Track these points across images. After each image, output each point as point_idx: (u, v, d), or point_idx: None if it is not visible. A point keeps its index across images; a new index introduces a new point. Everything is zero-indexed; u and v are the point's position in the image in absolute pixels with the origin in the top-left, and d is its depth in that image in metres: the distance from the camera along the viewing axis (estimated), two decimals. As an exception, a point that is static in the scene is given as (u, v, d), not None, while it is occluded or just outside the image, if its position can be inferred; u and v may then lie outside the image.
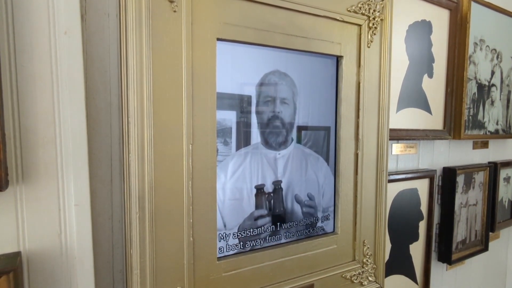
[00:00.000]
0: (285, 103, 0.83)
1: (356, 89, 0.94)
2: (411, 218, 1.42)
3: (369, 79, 0.95)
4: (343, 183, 0.93)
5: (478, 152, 1.89)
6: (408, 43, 1.33)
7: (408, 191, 1.39)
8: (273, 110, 0.81)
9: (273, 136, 0.82)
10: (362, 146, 0.95)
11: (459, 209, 1.66)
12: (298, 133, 0.87)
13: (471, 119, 1.68)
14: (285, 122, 0.83)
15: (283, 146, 0.84)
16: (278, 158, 0.83)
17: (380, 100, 0.97)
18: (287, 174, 0.85)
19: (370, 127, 0.97)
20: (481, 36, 1.69)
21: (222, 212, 0.76)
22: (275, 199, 0.83)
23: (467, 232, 1.75)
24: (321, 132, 0.91)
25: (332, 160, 0.94)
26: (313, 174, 0.90)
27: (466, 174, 1.67)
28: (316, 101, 0.89)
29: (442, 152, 1.64)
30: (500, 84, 1.87)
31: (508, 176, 2.07)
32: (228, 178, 0.76)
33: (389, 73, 0.98)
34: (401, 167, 1.42)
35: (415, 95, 1.37)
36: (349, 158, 0.94)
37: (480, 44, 1.69)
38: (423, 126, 1.41)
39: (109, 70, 0.66)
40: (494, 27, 1.78)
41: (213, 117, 0.70)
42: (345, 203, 0.94)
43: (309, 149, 0.89)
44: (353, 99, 0.93)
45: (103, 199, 0.67)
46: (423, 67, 1.39)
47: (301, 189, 0.88)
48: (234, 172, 0.77)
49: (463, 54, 1.56)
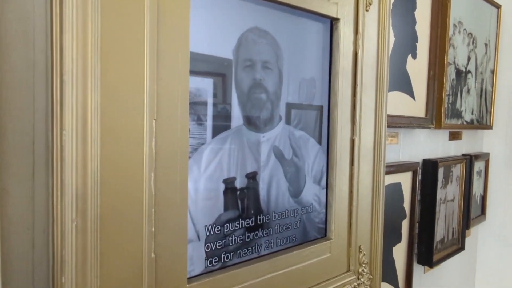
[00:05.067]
0: (268, 68, 0.70)
1: (353, 61, 0.84)
2: (395, 217, 1.38)
3: (367, 49, 0.86)
4: (338, 176, 0.83)
5: (453, 143, 1.93)
6: (394, 17, 1.27)
7: (392, 186, 1.34)
8: (253, 76, 0.68)
9: (256, 110, 0.69)
10: (359, 131, 0.86)
11: (439, 205, 1.66)
12: (287, 112, 0.75)
13: (450, 107, 1.69)
14: (269, 91, 0.71)
15: (269, 125, 0.72)
16: (262, 142, 0.71)
17: (378, 75, 0.89)
18: (270, 162, 0.72)
19: (368, 108, 0.88)
20: (459, 18, 1.71)
21: (194, 217, 0.61)
22: (249, 197, 0.70)
23: (445, 231, 1.77)
24: (313, 112, 0.80)
25: (325, 146, 0.83)
26: (302, 160, 0.78)
27: (445, 167, 1.69)
28: (306, 73, 0.78)
29: (422, 142, 1.63)
30: (475, 71, 1.93)
31: (480, 169, 2.15)
32: (202, 170, 0.61)
33: (387, 44, 0.90)
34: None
35: (400, 77, 1.33)
36: (345, 145, 0.84)
37: (458, 26, 1.71)
38: (407, 113, 1.37)
39: (33, 15, 0.48)
40: (471, 10, 1.82)
41: (185, 82, 0.55)
42: (339, 200, 0.84)
43: (299, 130, 0.77)
44: (349, 73, 0.83)
45: (19, 200, 0.49)
46: (407, 47, 1.36)
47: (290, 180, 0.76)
48: (209, 162, 0.62)
49: (444, 36, 1.56)
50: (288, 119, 0.75)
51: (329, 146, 0.83)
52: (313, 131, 0.80)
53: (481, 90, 2.02)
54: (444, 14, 1.55)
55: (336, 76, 0.81)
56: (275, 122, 0.73)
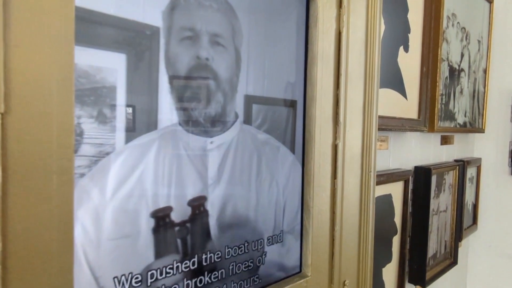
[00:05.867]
0: (219, 44, 0.50)
1: (335, 43, 0.64)
2: (385, 234, 1.19)
3: (353, 28, 0.66)
4: (316, 193, 0.63)
5: (445, 148, 1.76)
6: (384, 3, 1.08)
7: (382, 199, 1.15)
8: (197, 53, 0.47)
9: (198, 104, 0.48)
10: (344, 134, 0.66)
11: (431, 217, 1.48)
12: (246, 108, 0.54)
13: (443, 109, 1.52)
14: (221, 77, 0.50)
15: (220, 126, 0.51)
16: (209, 151, 0.50)
17: (368, 63, 0.69)
18: (224, 180, 0.51)
19: (354, 105, 0.68)
20: (453, 9, 1.54)
21: (95, 267, 0.40)
22: (194, 234, 0.49)
23: (438, 244, 1.59)
24: (283, 109, 0.60)
25: (299, 155, 0.63)
26: (269, 176, 0.58)
27: (438, 174, 1.51)
28: (274, 57, 0.58)
29: (413, 147, 1.45)
30: (468, 69, 1.76)
31: (472, 176, 1.99)
32: (108, 195, 0.40)
33: (379, 23, 0.71)
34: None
35: (391, 72, 1.14)
36: (325, 152, 0.64)
37: (452, 19, 1.54)
38: (399, 114, 1.18)
39: None
40: (464, 2, 1.66)
41: (68, 56, 0.34)
42: (318, 224, 0.64)
43: (264, 133, 0.57)
44: (331, 58, 0.63)
45: None
46: (399, 37, 1.17)
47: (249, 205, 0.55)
48: (120, 183, 0.41)
49: (438, 28, 1.38)
50: (247, 118, 0.55)
51: (305, 154, 0.63)
52: (283, 134, 0.60)
53: (474, 91, 1.86)
54: (437, 3, 1.38)
55: (313, 61, 0.61)
56: (229, 121, 0.52)
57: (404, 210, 1.27)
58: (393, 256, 1.25)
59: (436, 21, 1.37)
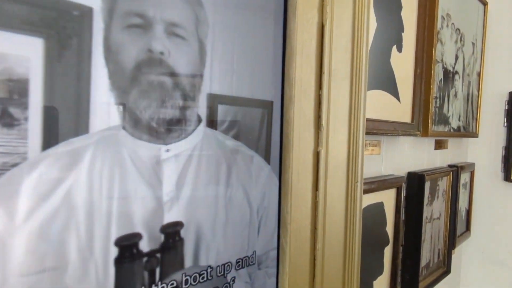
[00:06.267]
0: (178, 36, 0.41)
1: (318, 36, 0.55)
2: (376, 245, 1.10)
3: (339, 20, 0.58)
4: (295, 207, 0.54)
5: (438, 153, 1.68)
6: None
7: (373, 208, 1.07)
8: (148, 45, 0.39)
9: (149, 105, 0.39)
10: (327, 140, 0.57)
11: (424, 225, 1.40)
12: (211, 109, 0.45)
13: (437, 112, 1.44)
14: (179, 75, 0.41)
15: (178, 131, 0.42)
16: (164, 161, 0.41)
17: (355, 60, 0.61)
18: (184, 195, 0.43)
19: (339, 107, 0.59)
20: (447, 9, 1.46)
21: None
22: (167, 266, 0.40)
23: (431, 253, 1.51)
24: (256, 111, 0.51)
25: (276, 166, 0.54)
26: (240, 191, 0.49)
27: (431, 180, 1.43)
28: (246, 51, 0.49)
29: (406, 152, 1.37)
30: (462, 72, 1.69)
31: (466, 181, 1.91)
32: (21, 217, 0.31)
33: (368, 16, 0.62)
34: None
35: (383, 73, 1.06)
36: (305, 160, 0.55)
37: (446, 19, 1.47)
38: (392, 117, 1.10)
39: None
40: (459, 3, 1.58)
41: None
42: (297, 243, 0.55)
43: (234, 140, 0.48)
44: (312, 54, 0.55)
45: None
46: (392, 36, 1.09)
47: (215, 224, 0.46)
48: (40, 201, 0.32)
49: (432, 27, 1.31)
50: (213, 121, 0.46)
51: (282, 162, 0.54)
52: (256, 141, 0.51)
53: (468, 94, 1.78)
54: (432, 2, 1.30)
55: (292, 57, 0.53)
56: (190, 125, 0.43)
57: (397, 219, 1.19)
58: (385, 267, 1.17)
59: (431, 20, 1.29)
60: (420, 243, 1.31)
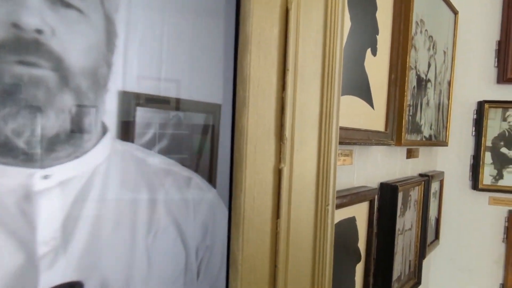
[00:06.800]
0: (70, 6, 0.27)
1: (280, 23, 0.43)
2: (347, 263, 0.99)
3: (308, 6, 0.45)
4: (248, 241, 0.41)
5: (410, 162, 1.60)
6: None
7: (344, 224, 0.95)
8: (14, 19, 0.24)
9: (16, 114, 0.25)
10: (291, 154, 0.45)
11: (397, 237, 1.31)
12: (122, 115, 0.32)
13: (410, 120, 1.35)
14: (70, 67, 0.27)
15: (67, 148, 0.28)
16: (40, 193, 0.27)
17: (327, 57, 0.49)
18: (76, 243, 0.28)
19: (307, 113, 0.47)
20: (421, 15, 1.38)
21: None
22: None
23: (402, 266, 1.42)
24: (198, 117, 0.38)
25: (225, 189, 0.41)
26: (171, 229, 0.35)
27: (404, 191, 1.34)
28: (184, 37, 0.36)
29: (379, 162, 1.27)
30: (434, 80, 1.62)
31: (436, 190, 1.85)
32: None
33: (343, 3, 0.50)
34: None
35: (357, 78, 0.95)
36: (263, 180, 0.42)
37: (420, 25, 1.39)
38: (365, 125, 0.99)
39: None
40: (432, 10, 1.51)
41: None
42: (250, 286, 0.42)
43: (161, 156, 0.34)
44: (274, 45, 0.42)
45: None
46: (366, 38, 0.98)
47: (135, 285, 0.32)
48: None
49: (407, 32, 1.22)
50: (126, 131, 0.32)
51: (233, 185, 0.41)
52: (196, 157, 0.38)
53: (439, 103, 1.72)
54: (407, 6, 1.21)
55: (246, 47, 0.40)
56: (87, 138, 0.29)
57: (369, 233, 1.08)
58: (356, 285, 1.06)
59: (406, 25, 1.20)
60: (392, 257, 1.22)
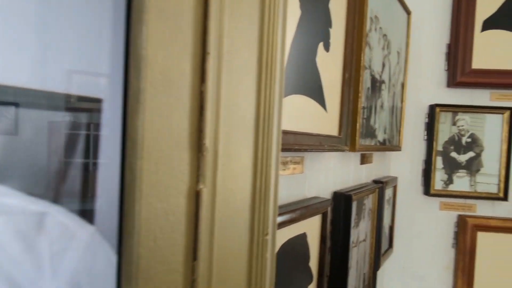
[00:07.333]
0: None
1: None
2: (296, 286, 0.89)
3: (237, -33, 0.34)
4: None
5: (364, 167, 1.55)
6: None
7: (294, 242, 0.85)
8: None
9: None
10: (215, 170, 0.33)
11: (351, 250, 1.24)
12: None
13: (364, 124, 1.29)
14: None
15: None
16: None
17: (266, 41, 0.38)
18: None
19: (238, 114, 0.35)
20: (376, 11, 1.33)
21: None
22: None
23: (357, 280, 1.35)
24: (58, 116, 0.25)
25: (111, 220, 0.28)
26: None
27: (358, 200, 1.27)
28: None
29: (332, 169, 1.19)
30: (388, 82, 1.59)
31: (389, 197, 1.82)
32: None
33: (288, -27, 0.39)
34: (282, 198, 0.87)
35: (307, 75, 0.85)
36: (171, 210, 0.30)
37: (375, 22, 1.34)
38: (317, 129, 0.90)
39: None
40: (386, 7, 1.48)
41: None
42: None
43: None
44: (187, 17, 0.30)
45: None
46: (318, 31, 0.90)
47: None
48: None
49: (361, 28, 1.15)
50: None
51: (123, 218, 0.28)
52: (57, 181, 0.25)
53: (393, 106, 1.70)
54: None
55: (140, 17, 0.27)
56: None
57: (322, 249, 1.00)
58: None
59: (360, 19, 1.13)
60: (346, 273, 1.14)
